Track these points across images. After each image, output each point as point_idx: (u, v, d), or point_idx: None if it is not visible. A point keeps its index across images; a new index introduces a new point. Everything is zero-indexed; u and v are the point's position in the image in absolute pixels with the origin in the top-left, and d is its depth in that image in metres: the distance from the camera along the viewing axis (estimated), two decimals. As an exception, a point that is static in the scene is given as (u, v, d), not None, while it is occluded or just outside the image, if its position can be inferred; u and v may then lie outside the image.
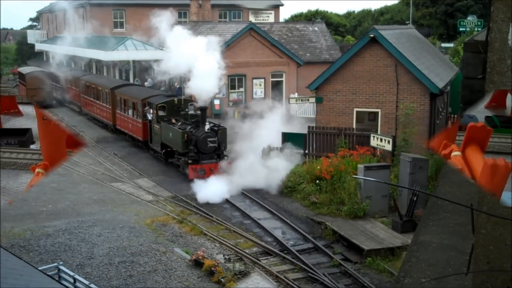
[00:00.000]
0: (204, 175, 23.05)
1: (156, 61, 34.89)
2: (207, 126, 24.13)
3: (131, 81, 45.23)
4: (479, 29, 41.21)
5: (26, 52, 75.49)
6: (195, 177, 23.05)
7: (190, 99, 26.99)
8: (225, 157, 24.32)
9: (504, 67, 2.04)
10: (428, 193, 16.23)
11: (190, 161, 23.54)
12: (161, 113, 27.00)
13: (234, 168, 23.28)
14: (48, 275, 8.80)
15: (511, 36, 2.02)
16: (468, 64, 9.05)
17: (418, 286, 3.52)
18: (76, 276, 12.52)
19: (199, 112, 24.45)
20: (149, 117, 28.07)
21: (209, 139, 23.69)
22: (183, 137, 23.89)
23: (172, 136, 25.17)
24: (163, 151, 26.52)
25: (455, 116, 29.52)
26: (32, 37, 70.17)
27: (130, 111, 31.08)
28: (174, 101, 27.14)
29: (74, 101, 43.52)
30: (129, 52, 44.33)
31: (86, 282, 12.30)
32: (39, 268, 10.07)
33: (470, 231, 2.29)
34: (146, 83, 44.73)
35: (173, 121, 26.19)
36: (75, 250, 16.67)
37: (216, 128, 24.57)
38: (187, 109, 26.02)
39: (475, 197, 2.31)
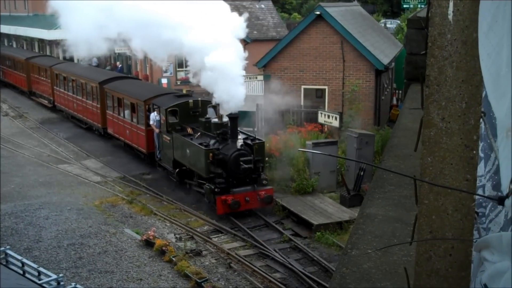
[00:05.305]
0: (238, 209, 17.41)
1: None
2: (240, 142, 17.82)
3: (75, 60, 44.28)
4: (422, 5, 41.94)
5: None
6: (226, 212, 17.50)
7: (209, 101, 20.47)
8: (264, 181, 18.05)
9: (445, 41, 2.10)
10: (374, 165, 16.54)
11: (217, 190, 17.36)
12: (172, 119, 20.37)
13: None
14: (-6, 260, 8.64)
15: (451, 10, 2.08)
16: (411, 40, 9.23)
17: (365, 256, 3.62)
18: (24, 260, 12.30)
19: (226, 119, 18.30)
20: (152, 121, 21.43)
21: (242, 159, 17.35)
22: (208, 157, 17.56)
23: (190, 154, 18.77)
24: (177, 170, 20.01)
25: (400, 91, 30.12)
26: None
27: (128, 114, 24.21)
28: (189, 104, 20.52)
29: (44, 95, 36.65)
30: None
31: (35, 266, 12.11)
32: (-15, 253, 9.87)
33: (414, 202, 2.36)
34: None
35: (189, 130, 19.76)
36: (22, 233, 16.38)
37: (251, 143, 18.24)
38: (207, 115, 19.87)
39: (419, 170, 2.39)
